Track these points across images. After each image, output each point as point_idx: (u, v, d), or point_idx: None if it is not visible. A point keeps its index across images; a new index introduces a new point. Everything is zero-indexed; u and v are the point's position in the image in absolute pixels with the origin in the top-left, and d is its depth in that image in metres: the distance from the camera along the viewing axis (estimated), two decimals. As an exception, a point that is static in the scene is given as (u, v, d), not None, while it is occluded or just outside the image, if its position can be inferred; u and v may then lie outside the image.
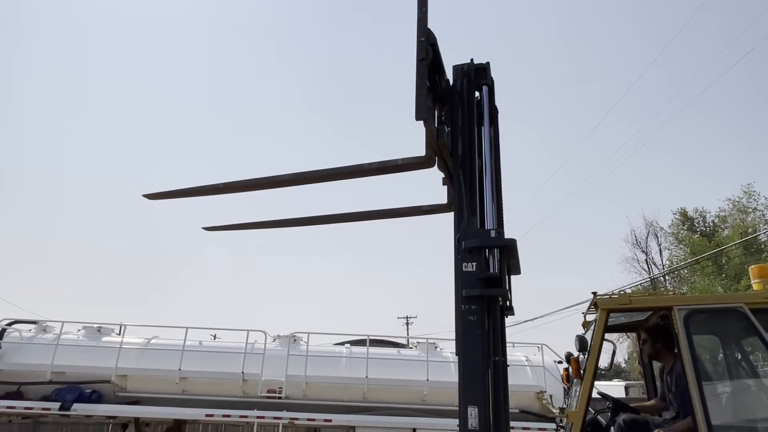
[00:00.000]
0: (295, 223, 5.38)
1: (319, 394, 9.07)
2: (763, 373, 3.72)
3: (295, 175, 4.47)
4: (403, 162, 4.14)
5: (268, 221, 5.35)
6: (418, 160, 4.06)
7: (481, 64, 4.50)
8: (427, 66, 3.85)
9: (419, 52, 3.84)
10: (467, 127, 4.25)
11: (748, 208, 21.57)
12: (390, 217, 5.20)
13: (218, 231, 5.68)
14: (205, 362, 9.18)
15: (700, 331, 3.65)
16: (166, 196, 4.99)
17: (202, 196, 4.89)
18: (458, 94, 4.35)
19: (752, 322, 3.20)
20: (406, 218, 5.19)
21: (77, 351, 9.16)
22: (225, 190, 4.73)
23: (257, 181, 4.61)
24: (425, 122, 3.67)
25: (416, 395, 9.01)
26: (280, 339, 9.81)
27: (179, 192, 4.86)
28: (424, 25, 3.93)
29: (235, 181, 4.65)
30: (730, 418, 3.34)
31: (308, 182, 4.61)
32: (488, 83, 4.42)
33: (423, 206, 4.81)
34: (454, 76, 4.43)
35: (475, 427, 3.45)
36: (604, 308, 3.49)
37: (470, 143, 4.21)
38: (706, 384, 3.27)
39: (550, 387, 8.94)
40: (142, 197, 4.91)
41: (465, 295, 3.76)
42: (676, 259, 23.71)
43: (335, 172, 4.43)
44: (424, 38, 3.88)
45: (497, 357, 3.67)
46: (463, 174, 4.14)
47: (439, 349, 9.86)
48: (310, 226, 5.45)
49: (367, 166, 4.20)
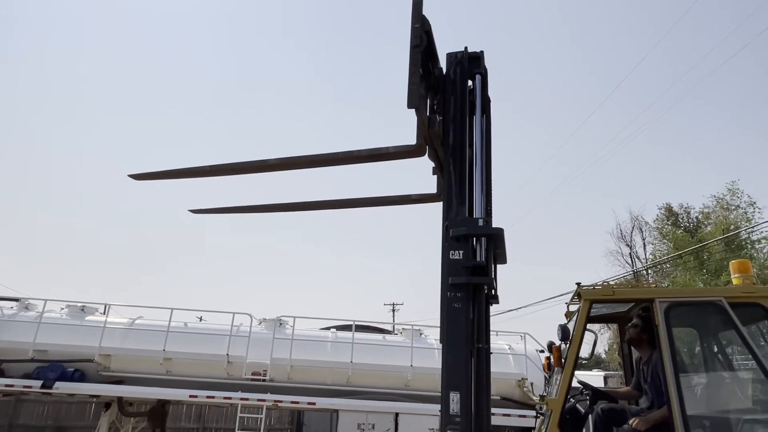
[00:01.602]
0: (282, 208, 5.34)
1: (304, 377, 9.12)
2: (738, 366, 3.81)
3: (283, 159, 4.41)
4: (394, 150, 4.09)
5: (255, 206, 5.28)
6: (409, 149, 4.02)
7: (475, 52, 4.47)
8: (420, 53, 3.80)
9: (413, 39, 3.79)
10: (459, 116, 4.23)
11: (731, 206, 21.94)
12: (379, 205, 5.19)
13: (205, 214, 5.63)
14: (190, 344, 9.17)
15: (679, 323, 3.72)
16: (152, 176, 4.89)
17: (189, 177, 4.82)
18: (451, 82, 4.31)
19: (730, 315, 3.27)
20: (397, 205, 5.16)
21: (60, 329, 9.07)
22: (212, 173, 4.66)
23: (244, 165, 4.55)
24: (417, 111, 3.64)
25: (400, 380, 9.11)
26: (266, 322, 9.82)
27: (165, 173, 4.78)
28: (419, 11, 3.88)
29: (222, 164, 4.56)
30: (705, 410, 3.43)
31: (296, 167, 4.55)
32: (482, 72, 4.39)
33: (412, 195, 4.80)
34: (448, 64, 4.39)
35: (456, 412, 3.50)
36: (587, 299, 3.54)
37: (461, 132, 4.19)
38: (682, 375, 3.35)
39: (532, 375, 9.09)
40: (128, 177, 4.82)
41: (451, 282, 3.79)
42: (660, 253, 24.10)
43: (324, 158, 4.38)
44: (418, 24, 3.82)
45: (481, 344, 3.71)
46: (454, 163, 4.13)
47: (424, 336, 9.95)
48: (298, 211, 5.43)
49: (356, 153, 4.16)
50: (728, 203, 22.14)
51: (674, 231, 23.46)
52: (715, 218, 22.55)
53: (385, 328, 11.25)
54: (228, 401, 8.84)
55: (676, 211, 24.63)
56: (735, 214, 21.68)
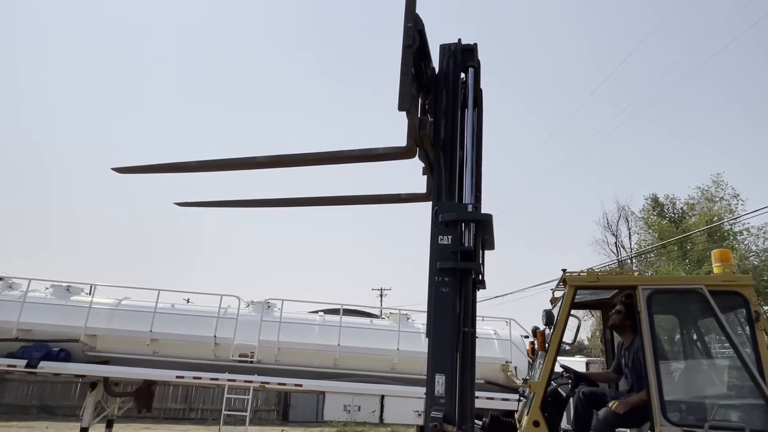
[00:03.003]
0: (270, 204, 5.28)
1: (291, 359, 9.18)
2: (716, 352, 3.92)
3: (272, 157, 4.31)
4: (384, 151, 4.04)
5: (242, 200, 5.24)
6: (399, 150, 3.98)
7: (469, 45, 4.40)
8: (413, 53, 3.71)
9: (406, 39, 3.68)
10: (451, 108, 4.17)
11: (715, 197, 22.30)
12: (368, 203, 5.16)
13: (191, 207, 5.57)
14: (177, 325, 9.15)
15: (661, 310, 3.81)
16: (136, 170, 4.78)
17: (174, 172, 4.74)
18: (444, 74, 4.25)
19: (710, 303, 3.35)
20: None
21: (45, 309, 9.00)
22: (198, 168, 4.58)
23: (232, 162, 4.46)
24: (408, 113, 3.59)
25: (386, 364, 9.22)
26: (254, 305, 9.83)
27: (150, 167, 4.68)
28: (413, 9, 3.78)
29: (208, 160, 4.48)
30: (682, 394, 3.53)
31: (285, 166, 4.49)
32: (475, 65, 4.34)
33: (402, 194, 4.78)
34: (441, 55, 4.33)
35: (441, 394, 3.56)
36: (572, 285, 3.60)
37: (453, 124, 4.14)
38: (662, 361, 3.44)
39: (516, 360, 9.26)
40: (111, 170, 4.74)
41: (439, 267, 3.83)
42: (645, 243, 24.46)
43: (313, 158, 4.32)
44: (411, 24, 3.72)
45: (467, 328, 3.76)
46: (444, 156, 4.11)
47: (411, 320, 10.05)
48: (287, 207, 5.39)
49: (346, 153, 4.12)
50: (712, 195, 22.50)
51: (659, 221, 23.79)
52: (700, 209, 22.91)
53: (372, 313, 11.33)
54: (215, 382, 8.88)
55: (662, 201, 24.96)
56: (719, 206, 22.04)
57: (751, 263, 19.19)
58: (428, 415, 3.54)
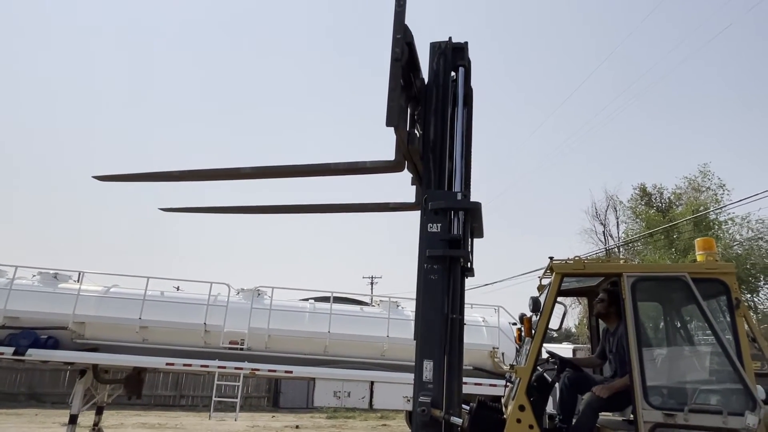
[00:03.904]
0: (257, 211, 5.24)
1: (281, 346, 9.22)
2: (698, 339, 4.01)
3: (257, 168, 4.28)
4: (372, 165, 4.02)
5: (228, 207, 5.22)
6: (387, 164, 3.97)
7: (459, 43, 4.35)
8: (401, 66, 3.64)
9: (394, 51, 3.60)
10: (441, 108, 4.14)
11: (702, 187, 22.59)
12: (357, 211, 5.15)
13: (175, 213, 5.55)
14: (166, 312, 9.13)
15: (645, 297, 3.88)
16: (118, 179, 4.76)
17: (156, 181, 4.71)
18: (434, 73, 4.21)
19: (693, 290, 3.41)
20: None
21: (32, 296, 8.92)
22: (180, 178, 4.53)
23: (215, 172, 4.41)
24: (396, 129, 3.55)
25: (376, 350, 9.30)
26: (244, 293, 9.84)
27: (131, 176, 4.64)
28: (402, 20, 3.68)
29: (191, 171, 4.45)
30: (664, 379, 3.62)
31: (270, 177, 4.46)
32: (465, 65, 4.30)
33: (390, 203, 4.78)
34: (431, 54, 4.27)
35: (429, 380, 3.62)
36: (558, 272, 3.66)
37: (443, 122, 4.12)
38: (645, 346, 3.52)
39: (504, 346, 9.39)
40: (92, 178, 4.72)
41: (428, 254, 3.86)
42: (632, 232, 24.76)
43: (299, 170, 4.29)
44: (400, 35, 3.63)
45: (455, 315, 3.81)
46: (434, 156, 4.09)
47: (401, 308, 10.12)
48: (274, 214, 5.36)
49: (333, 166, 4.10)
50: (699, 185, 22.79)
51: (647, 211, 24.07)
52: (687, 199, 23.20)
53: (362, 300, 11.38)
54: (205, 369, 8.89)
55: (650, 191, 25.22)
56: (705, 196, 22.34)
57: (735, 252, 19.54)
58: (416, 400, 3.60)
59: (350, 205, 4.99)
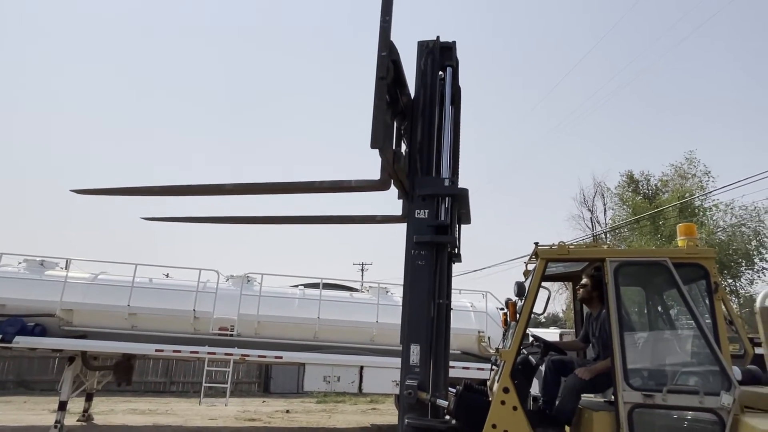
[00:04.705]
0: (243, 221, 5.20)
1: (271, 332, 9.26)
2: (678, 322, 4.10)
3: (240, 185, 4.26)
4: (357, 184, 4.02)
5: (212, 217, 5.21)
6: (372, 183, 3.97)
7: (447, 42, 4.32)
8: (387, 85, 3.58)
9: (380, 69, 3.51)
10: (428, 108, 4.12)
11: (688, 174, 22.87)
12: (343, 222, 5.15)
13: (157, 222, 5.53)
14: (155, 299, 9.12)
15: (628, 282, 3.95)
16: (96, 192, 4.74)
17: (136, 195, 4.65)
18: (421, 73, 4.18)
19: (674, 275, 3.49)
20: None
21: (18, 284, 8.84)
22: (161, 193, 4.49)
23: (197, 188, 4.37)
24: (381, 151, 3.52)
25: (366, 336, 9.39)
26: (233, 279, 9.84)
27: (111, 190, 4.60)
28: (387, 36, 3.58)
29: (172, 186, 4.42)
30: (645, 362, 3.71)
31: (253, 193, 4.42)
32: (453, 65, 4.27)
33: (377, 216, 4.79)
34: (419, 53, 4.23)
35: (416, 363, 3.69)
36: (543, 257, 3.71)
37: (430, 123, 4.12)
38: (627, 330, 3.60)
39: (491, 331, 9.53)
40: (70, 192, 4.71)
41: (415, 240, 3.90)
42: (619, 218, 25.05)
43: (283, 187, 4.27)
44: (385, 53, 3.54)
45: (441, 300, 3.87)
46: (420, 152, 4.10)
47: (390, 294, 10.20)
48: (257, 224, 5.34)
49: (317, 184, 4.09)
50: (685, 172, 23.06)
51: (634, 197, 24.34)
52: (673, 186, 23.48)
53: (352, 286, 11.44)
54: (195, 355, 8.93)
55: (637, 178, 25.48)
56: (691, 182, 22.63)
57: (718, 238, 19.89)
58: (403, 384, 3.67)
59: (336, 217, 5.01)
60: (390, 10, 3.59)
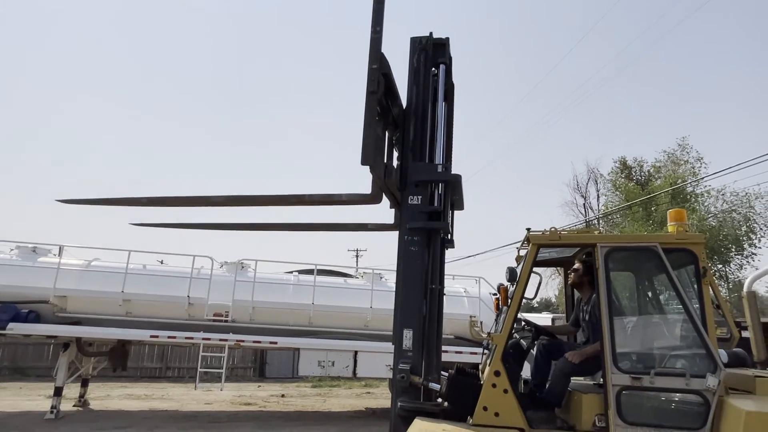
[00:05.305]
0: (235, 227, 5.21)
1: (266, 318, 9.32)
2: (667, 307, 4.16)
3: (229, 197, 4.23)
4: (348, 198, 4.00)
5: (203, 224, 5.19)
6: (363, 198, 3.94)
7: (440, 39, 4.26)
8: (377, 99, 3.52)
9: (370, 83, 3.43)
10: (421, 105, 4.09)
11: (680, 160, 22.97)
12: (335, 230, 5.13)
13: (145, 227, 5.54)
14: (149, 286, 9.13)
15: (618, 267, 4.00)
16: (82, 202, 4.72)
17: (122, 205, 4.63)
18: (414, 70, 4.13)
19: (663, 260, 3.54)
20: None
21: (10, 270, 8.82)
22: (148, 204, 4.47)
23: (185, 199, 4.35)
24: (371, 168, 3.48)
25: (360, 321, 9.46)
26: (228, 266, 9.85)
27: (97, 201, 4.58)
28: (378, 48, 3.50)
29: (160, 197, 4.40)
30: (634, 346, 3.78)
31: (242, 205, 4.40)
32: (446, 62, 4.22)
33: (369, 224, 4.78)
34: (411, 50, 4.17)
35: (408, 348, 3.73)
36: (534, 243, 3.74)
37: (423, 118, 4.10)
38: (616, 315, 3.65)
39: (484, 316, 9.63)
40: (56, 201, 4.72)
41: (408, 226, 3.92)
42: (612, 205, 25.20)
43: (273, 199, 4.22)
44: (376, 66, 3.45)
45: (434, 285, 3.91)
46: (414, 147, 4.08)
47: (384, 279, 10.26)
48: (246, 231, 5.34)
49: (308, 198, 4.06)
50: (678, 158, 23.15)
51: (626, 183, 24.46)
52: (666, 172, 23.59)
53: (346, 273, 11.49)
54: (190, 341, 8.98)
55: (630, 164, 25.57)
56: (683, 169, 22.74)
57: (709, 224, 20.08)
58: (396, 367, 3.72)
59: (328, 225, 5.02)
60: (381, 21, 3.49)
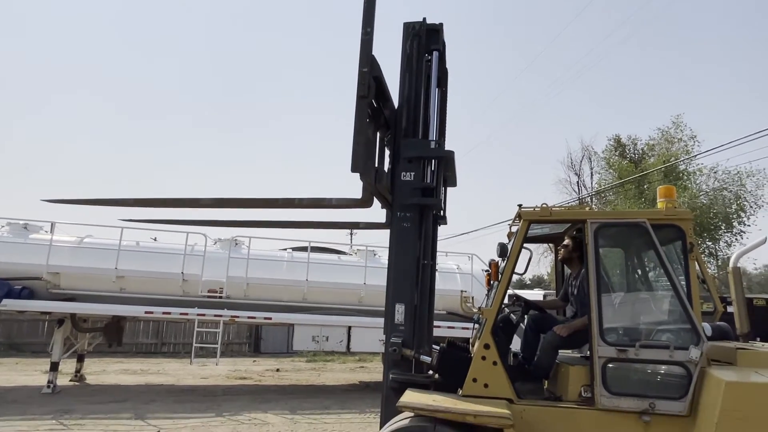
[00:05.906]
0: (227, 225, 5.23)
1: (260, 294, 9.39)
2: (655, 282, 4.24)
3: (217, 200, 4.23)
4: (338, 202, 3.99)
5: (193, 220, 5.23)
6: (354, 202, 3.93)
7: (434, 24, 4.19)
8: (368, 104, 3.47)
9: (360, 88, 3.35)
10: (414, 92, 4.05)
11: (674, 138, 22.99)
12: (327, 228, 5.11)
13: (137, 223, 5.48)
14: (143, 262, 9.14)
15: (607, 243, 4.05)
16: (70, 202, 4.75)
17: (110, 206, 4.61)
18: (407, 56, 4.07)
19: (651, 236, 3.59)
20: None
21: (2, 247, 8.79)
22: (135, 204, 4.46)
23: (173, 201, 4.33)
24: (362, 174, 3.46)
25: (353, 297, 9.57)
26: (221, 242, 9.86)
27: (85, 201, 4.58)
28: (369, 51, 3.42)
29: (146, 199, 4.40)
30: (620, 320, 3.86)
31: (230, 207, 4.41)
32: (439, 49, 4.17)
33: (360, 223, 4.76)
34: (405, 36, 4.11)
35: (400, 322, 3.80)
36: (525, 219, 3.78)
37: (416, 106, 4.07)
38: (604, 289, 3.72)
39: (476, 292, 9.76)
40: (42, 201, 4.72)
41: (401, 202, 3.94)
42: (605, 182, 25.29)
43: (261, 202, 4.22)
44: (367, 69, 3.37)
45: (426, 261, 3.95)
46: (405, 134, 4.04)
47: (378, 256, 10.33)
48: (239, 227, 5.42)
49: (297, 202, 4.07)
50: (671, 136, 23.16)
51: (620, 161, 24.50)
52: (659, 150, 23.63)
53: (340, 250, 11.54)
54: (185, 317, 9.06)
55: (624, 142, 25.57)
56: (677, 147, 22.78)
57: (701, 201, 20.25)
58: (388, 341, 3.79)
59: (320, 223, 5.01)
60: (372, 21, 3.41)
